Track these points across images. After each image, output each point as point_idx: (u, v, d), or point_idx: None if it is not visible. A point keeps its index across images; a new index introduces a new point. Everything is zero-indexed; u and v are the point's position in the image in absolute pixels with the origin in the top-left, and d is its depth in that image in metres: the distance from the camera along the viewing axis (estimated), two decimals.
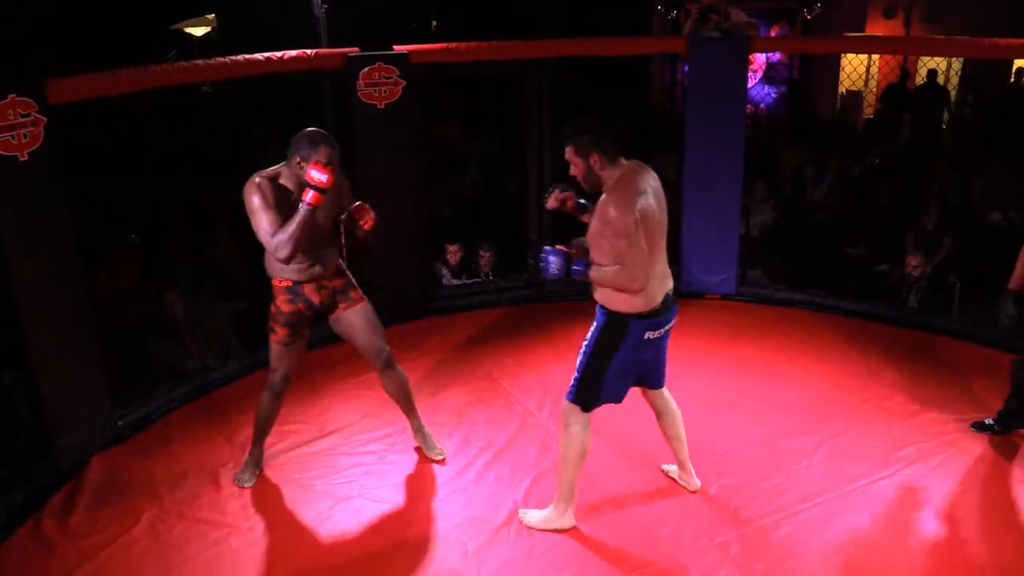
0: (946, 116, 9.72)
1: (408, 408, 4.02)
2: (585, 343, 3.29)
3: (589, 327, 3.29)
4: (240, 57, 4.64)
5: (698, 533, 3.47)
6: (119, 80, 4.14)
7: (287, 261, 3.40)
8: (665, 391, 3.56)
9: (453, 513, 3.63)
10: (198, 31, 11.28)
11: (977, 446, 4.03)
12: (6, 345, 3.91)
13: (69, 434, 3.96)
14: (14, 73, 3.89)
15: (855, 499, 3.66)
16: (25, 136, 3.63)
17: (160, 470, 3.98)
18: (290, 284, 3.58)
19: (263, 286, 5.82)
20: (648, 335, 3.23)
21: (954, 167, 7.07)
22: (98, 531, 3.57)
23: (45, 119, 3.69)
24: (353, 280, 3.77)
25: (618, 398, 3.37)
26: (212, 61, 4.58)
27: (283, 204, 3.38)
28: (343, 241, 3.71)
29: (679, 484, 3.76)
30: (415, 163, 5.45)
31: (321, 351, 5.16)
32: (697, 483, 3.74)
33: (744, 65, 5.63)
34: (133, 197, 6.30)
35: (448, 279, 5.97)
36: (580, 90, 6.96)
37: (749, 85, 6.07)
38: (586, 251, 3.22)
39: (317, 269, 3.56)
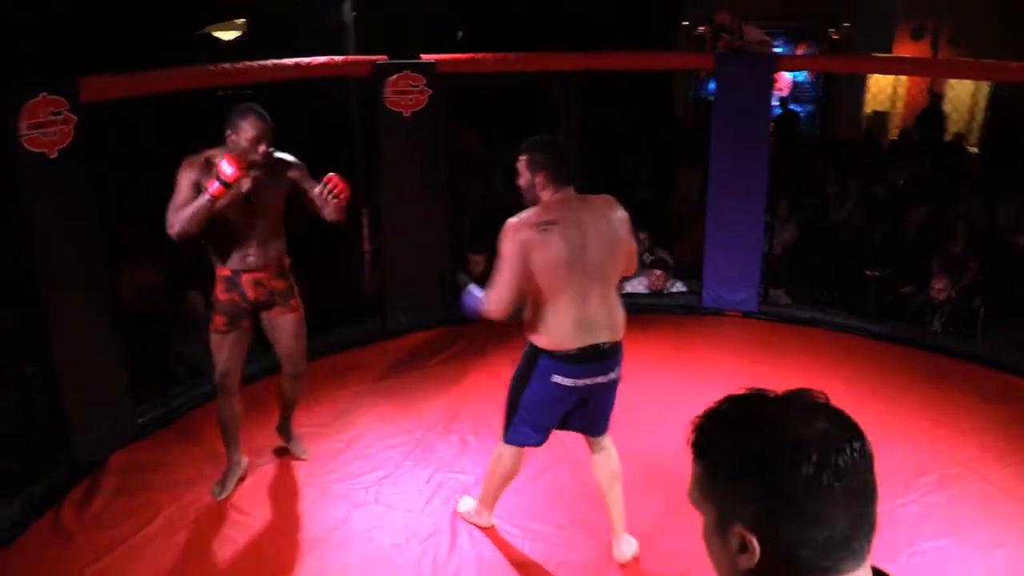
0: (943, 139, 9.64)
1: (285, 413, 4.06)
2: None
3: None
4: (268, 62, 4.69)
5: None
6: (149, 81, 4.20)
7: (177, 239, 3.35)
8: (606, 440, 3.25)
9: (469, 524, 3.62)
10: (227, 36, 11.39)
11: (1000, 474, 3.97)
12: (29, 339, 3.95)
13: (89, 429, 3.99)
14: (46, 71, 3.94)
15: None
16: (55, 134, 3.67)
17: (178, 467, 4.00)
18: (228, 274, 3.55)
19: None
20: (556, 379, 2.98)
21: (980, 190, 7.01)
22: (115, 526, 3.58)
23: (76, 118, 3.74)
24: (295, 287, 3.73)
25: (534, 438, 3.17)
26: (241, 65, 4.63)
27: (203, 177, 3.33)
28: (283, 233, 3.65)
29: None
30: (440, 171, 5.47)
31: (341, 356, 5.20)
32: (627, 555, 3.32)
33: (769, 83, 5.62)
34: (157, 196, 6.35)
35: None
36: (605, 104, 6.97)
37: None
38: None
39: (251, 260, 3.51)
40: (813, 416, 1.07)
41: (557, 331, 2.95)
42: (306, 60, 4.79)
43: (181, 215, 3.30)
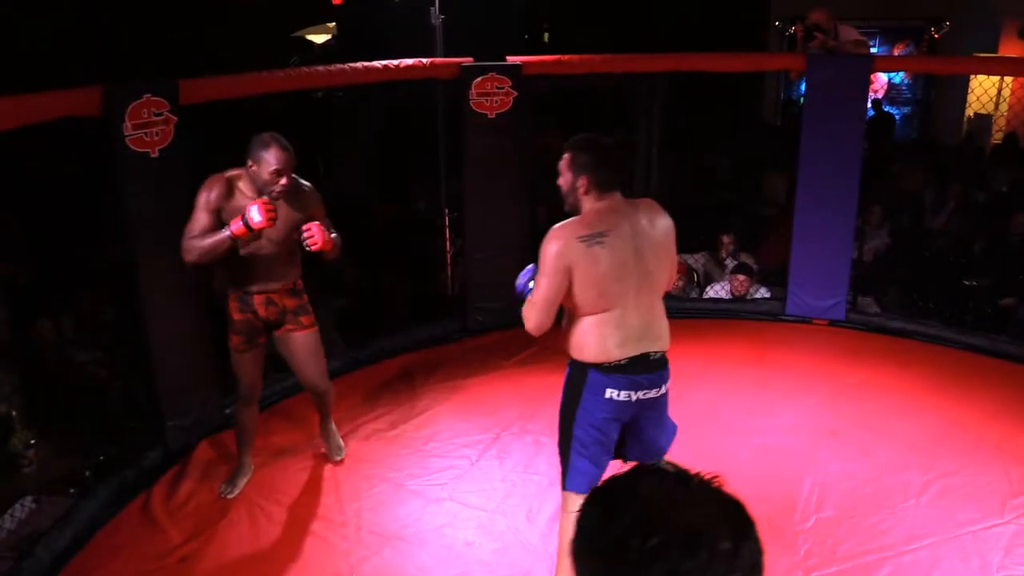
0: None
1: (322, 419, 4.07)
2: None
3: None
4: (359, 64, 4.79)
5: (792, 566, 3.35)
6: (245, 83, 4.34)
7: (191, 267, 3.41)
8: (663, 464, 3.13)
9: (542, 525, 3.62)
10: (319, 38, 11.70)
11: None
12: (129, 330, 4.15)
13: (180, 417, 4.15)
14: (149, 74, 4.13)
15: (964, 545, 3.46)
16: (157, 134, 3.84)
17: (261, 457, 4.12)
18: (240, 293, 3.56)
19: (365, 285, 5.99)
20: (610, 394, 2.79)
21: None
22: (201, 511, 3.73)
23: (176, 118, 3.90)
24: (308, 305, 3.72)
25: (595, 474, 2.89)
26: (332, 68, 4.74)
27: (234, 209, 3.34)
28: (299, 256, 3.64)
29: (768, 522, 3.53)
30: (523, 173, 5.49)
31: (421, 353, 5.28)
32: None
33: (865, 84, 5.43)
34: None
35: None
36: (691, 106, 6.88)
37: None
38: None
39: (267, 284, 3.54)
40: (688, 506, 0.99)
41: (606, 342, 2.78)
42: (395, 62, 4.87)
43: (198, 246, 3.31)
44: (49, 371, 4.47)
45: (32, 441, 3.93)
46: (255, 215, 3.19)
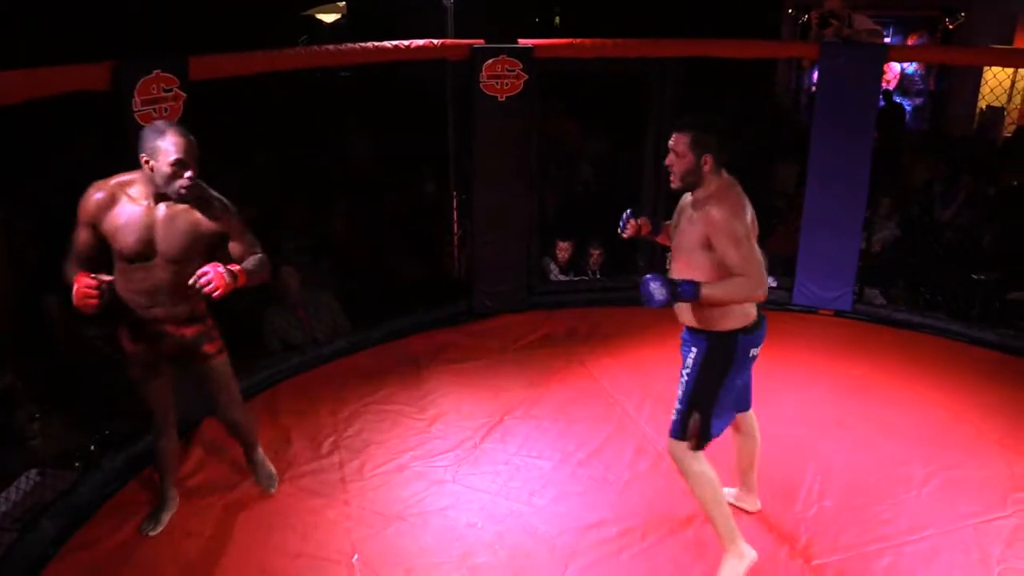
0: None
1: (243, 448, 3.65)
2: (686, 374, 3.05)
3: (678, 341, 3.17)
4: (369, 44, 4.77)
5: (794, 554, 3.36)
6: (254, 60, 4.33)
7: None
8: (751, 413, 3.40)
9: (544, 508, 3.64)
10: (329, 17, 11.66)
11: None
12: None
13: (184, 395, 4.15)
14: (159, 49, 4.12)
15: (965, 537, 3.46)
16: (166, 110, 3.83)
17: (266, 436, 4.12)
18: (128, 323, 3.09)
19: (374, 265, 5.98)
20: (753, 352, 3.07)
21: None
22: (206, 487, 3.75)
23: (185, 95, 3.89)
24: (211, 331, 3.21)
25: (721, 429, 3.12)
26: (343, 47, 4.72)
27: (114, 222, 2.88)
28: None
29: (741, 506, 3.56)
30: (531, 157, 5.47)
31: (427, 335, 5.29)
32: (758, 504, 3.58)
33: (878, 74, 5.40)
34: (257, 174, 6.58)
35: (555, 274, 5.98)
36: (703, 93, 6.83)
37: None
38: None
39: (156, 311, 3.04)
40: None
41: (746, 305, 2.98)
42: (405, 43, 4.85)
43: (66, 271, 2.89)
44: (56, 346, 4.49)
45: (37, 415, 3.95)
46: (73, 293, 2.73)
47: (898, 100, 10.18)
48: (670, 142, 2.93)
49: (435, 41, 5.03)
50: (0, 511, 3.48)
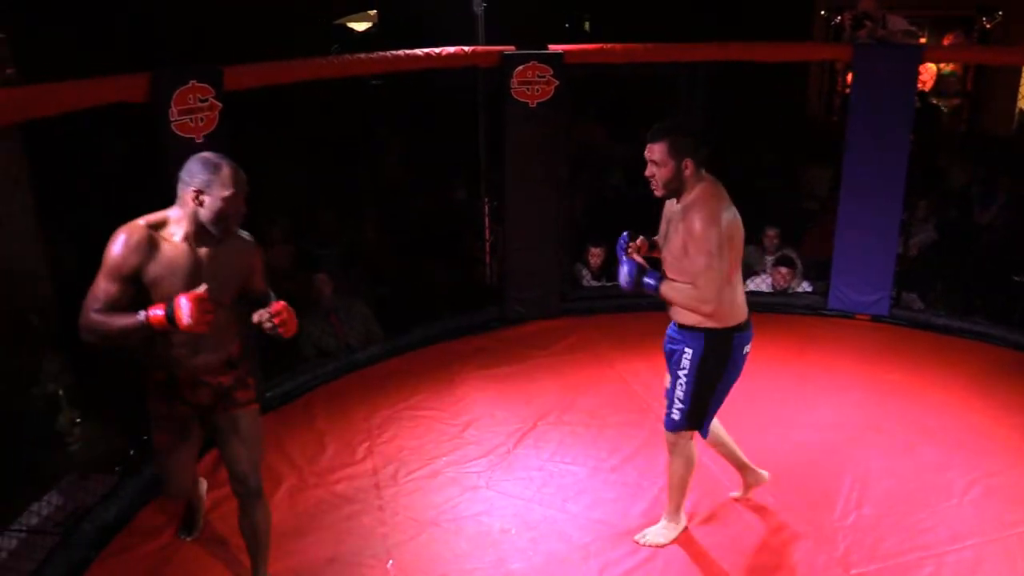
0: None
1: (254, 553, 3.02)
2: (683, 372, 3.11)
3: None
4: (400, 52, 4.80)
5: (831, 562, 3.31)
6: (287, 70, 4.38)
7: (83, 339, 2.56)
8: None
9: (578, 514, 3.63)
10: (360, 26, 11.76)
11: None
12: None
13: None
14: (194, 60, 4.17)
15: (1009, 546, 3.39)
16: (202, 120, 3.89)
17: (301, 441, 4.18)
18: (163, 379, 2.78)
19: (406, 272, 6.01)
20: (746, 350, 3.13)
21: None
22: None
23: (220, 105, 3.94)
24: (247, 378, 2.91)
25: (711, 419, 3.29)
26: (374, 55, 4.76)
27: (161, 268, 2.56)
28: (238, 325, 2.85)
29: (764, 507, 3.60)
30: (562, 162, 5.47)
31: (459, 341, 5.31)
32: (766, 474, 3.61)
33: (914, 75, 5.32)
34: (286, 181, 6.64)
35: (587, 280, 5.97)
36: (733, 97, 6.79)
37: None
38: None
39: (199, 360, 2.74)
40: None
41: (738, 305, 3.05)
42: (436, 50, 4.88)
43: (100, 327, 2.50)
44: (96, 351, 4.55)
45: (78, 420, 4.01)
46: (184, 315, 2.42)
47: (934, 102, 10.02)
48: (646, 153, 2.97)
49: (466, 48, 5.05)
50: (42, 515, 3.53)
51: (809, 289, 5.84)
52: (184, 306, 2.42)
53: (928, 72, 10.57)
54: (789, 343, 5.23)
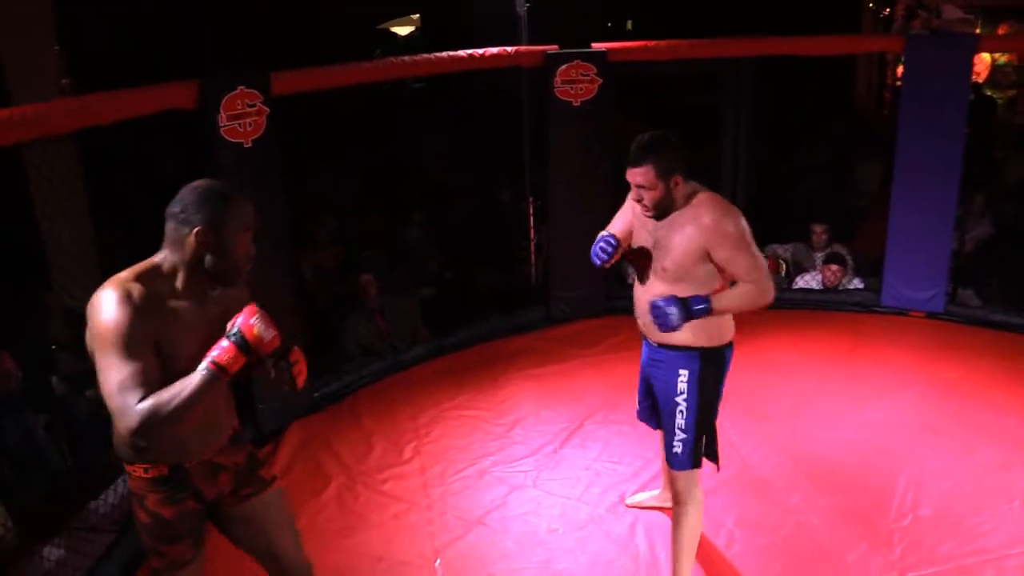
0: None
1: None
2: (684, 400, 2.88)
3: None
4: (444, 54, 4.83)
5: (888, 565, 3.23)
6: (333, 74, 4.43)
7: (144, 444, 1.95)
8: None
9: (625, 514, 3.60)
10: (403, 30, 11.86)
11: None
12: None
13: (272, 399, 4.27)
14: (242, 66, 4.24)
15: None
16: (250, 125, 3.95)
17: (349, 441, 4.22)
18: (165, 472, 2.15)
19: (451, 273, 6.03)
20: (729, 366, 2.95)
21: None
22: (291, 491, 3.81)
23: (268, 110, 4.00)
24: (254, 451, 2.44)
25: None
26: (418, 57, 4.79)
27: (163, 324, 1.99)
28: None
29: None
30: (607, 162, 5.44)
31: (505, 341, 5.31)
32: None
33: (968, 66, 5.18)
34: (332, 183, 6.73)
35: (632, 278, 5.91)
36: (780, 92, 6.70)
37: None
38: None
39: (208, 440, 2.21)
40: None
41: (730, 322, 2.92)
42: (479, 51, 4.89)
43: (164, 407, 1.87)
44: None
45: None
46: (261, 331, 1.96)
47: (989, 94, 9.76)
48: (632, 179, 2.74)
49: (509, 49, 5.06)
50: (98, 513, 3.61)
51: (861, 286, 5.73)
52: (257, 323, 1.96)
53: (982, 63, 10.31)
54: (841, 341, 5.13)
